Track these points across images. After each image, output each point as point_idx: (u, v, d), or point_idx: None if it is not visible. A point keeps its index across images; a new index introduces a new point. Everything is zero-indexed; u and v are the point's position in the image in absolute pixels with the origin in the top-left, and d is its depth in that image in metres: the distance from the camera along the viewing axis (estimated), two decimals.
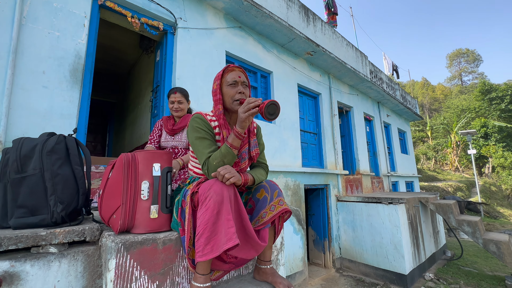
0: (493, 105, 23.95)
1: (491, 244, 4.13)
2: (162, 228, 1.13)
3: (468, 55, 47.44)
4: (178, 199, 1.16)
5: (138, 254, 0.99)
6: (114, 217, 1.08)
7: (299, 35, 4.37)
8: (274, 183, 1.24)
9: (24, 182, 1.13)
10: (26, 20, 2.14)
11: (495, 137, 20.65)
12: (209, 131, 1.18)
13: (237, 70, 1.21)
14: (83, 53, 2.41)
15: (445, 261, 5.49)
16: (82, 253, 1.09)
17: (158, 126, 2.05)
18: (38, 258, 0.99)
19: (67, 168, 1.24)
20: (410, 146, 9.82)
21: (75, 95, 2.31)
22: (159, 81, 3.22)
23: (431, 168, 21.63)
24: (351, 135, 6.32)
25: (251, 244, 1.07)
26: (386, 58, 8.73)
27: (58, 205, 1.15)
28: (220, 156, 1.09)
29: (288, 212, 1.18)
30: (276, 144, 4.11)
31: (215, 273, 1.15)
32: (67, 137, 1.31)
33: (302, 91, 5.12)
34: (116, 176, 1.12)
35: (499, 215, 13.98)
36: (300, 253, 4.13)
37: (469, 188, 16.98)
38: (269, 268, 1.22)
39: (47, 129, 2.08)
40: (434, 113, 38.85)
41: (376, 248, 4.39)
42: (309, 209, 5.23)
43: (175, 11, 3.18)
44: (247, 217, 1.07)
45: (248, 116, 1.05)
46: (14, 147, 1.17)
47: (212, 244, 0.95)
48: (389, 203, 4.33)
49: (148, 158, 1.15)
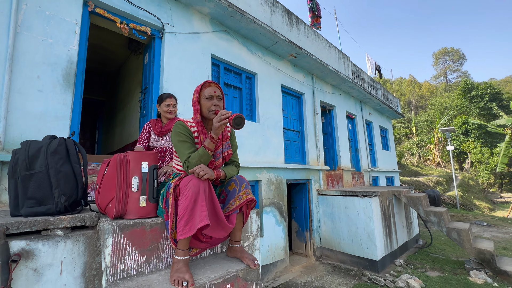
0: (474, 103, 25.08)
1: (453, 232, 4.58)
2: (149, 215, 1.39)
3: (453, 54, 49.03)
4: (163, 191, 1.42)
5: (130, 234, 1.24)
6: (110, 206, 1.33)
7: (282, 39, 4.62)
8: (243, 178, 1.51)
9: (33, 178, 1.36)
10: (20, 28, 2.30)
11: (475, 133, 21.73)
12: (189, 135, 1.43)
13: (213, 85, 1.47)
14: (75, 58, 2.58)
15: (417, 249, 5.98)
16: (83, 235, 1.34)
17: (146, 128, 2.27)
18: (48, 239, 1.23)
19: (68, 166, 1.47)
20: (392, 143, 10.33)
21: (68, 98, 2.50)
22: (148, 83, 3.41)
23: (414, 164, 22.57)
24: (333, 133, 6.67)
25: (222, 226, 1.34)
26: (369, 58, 9.12)
27: (61, 197, 1.38)
28: (197, 156, 1.35)
29: (253, 201, 1.46)
30: (260, 142, 4.39)
31: (194, 250, 1.42)
32: (67, 140, 1.53)
33: (286, 91, 5.40)
34: (111, 173, 1.36)
35: (474, 207, 14.89)
36: (282, 243, 4.46)
37: (448, 183, 17.91)
38: (238, 247, 1.50)
39: (43, 130, 2.27)
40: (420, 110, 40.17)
41: (352, 237, 4.77)
42: (292, 203, 5.57)
43: (162, 17, 3.37)
44: (218, 204, 1.34)
45: (220, 125, 1.32)
46: (22, 148, 1.39)
47: (190, 225, 1.21)
48: (364, 196, 4.71)
49: (137, 157, 1.40)
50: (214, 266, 1.38)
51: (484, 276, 4.01)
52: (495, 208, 16.14)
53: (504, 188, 21.53)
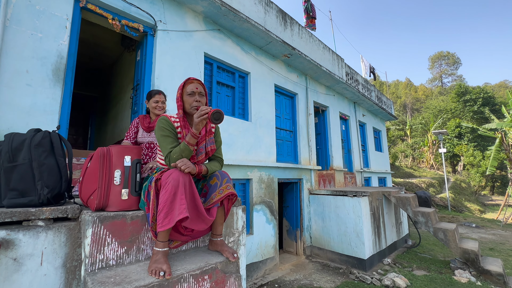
0: (467, 106, 25.47)
1: (439, 232, 4.68)
2: (131, 208, 1.42)
3: (449, 58, 49.64)
4: (145, 184, 1.45)
5: (110, 225, 1.27)
6: (92, 198, 1.36)
7: (276, 39, 4.66)
8: (225, 173, 1.55)
9: (16, 169, 1.38)
10: (10, 22, 2.30)
11: (468, 137, 22.07)
12: (172, 130, 1.47)
13: (196, 82, 1.50)
14: (65, 53, 2.59)
15: (406, 249, 6.08)
16: (65, 227, 1.36)
17: (134, 124, 2.29)
18: (29, 229, 1.25)
19: (52, 159, 1.49)
20: (385, 144, 10.45)
21: (58, 92, 2.51)
22: (139, 80, 3.43)
23: (408, 166, 22.81)
24: (326, 133, 6.74)
25: (202, 219, 1.37)
26: (364, 60, 9.22)
27: (44, 189, 1.40)
28: (179, 151, 1.38)
29: (234, 195, 1.49)
30: (252, 140, 4.43)
31: (174, 243, 1.45)
32: (52, 133, 1.55)
33: (279, 91, 5.45)
34: (93, 166, 1.39)
35: (465, 209, 15.13)
36: (272, 241, 4.50)
37: (440, 185, 18.16)
38: (219, 240, 1.54)
39: (31, 124, 2.28)
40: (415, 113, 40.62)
41: (341, 236, 4.84)
42: (284, 202, 5.62)
43: (155, 14, 3.38)
44: (199, 198, 1.37)
45: (200, 120, 1.35)
46: (6, 141, 1.41)
47: (169, 217, 1.24)
48: (354, 196, 4.78)
49: (120, 151, 1.42)
50: (194, 258, 1.41)
51: (468, 275, 4.10)
52: (485, 210, 16.41)
53: (495, 191, 21.93)
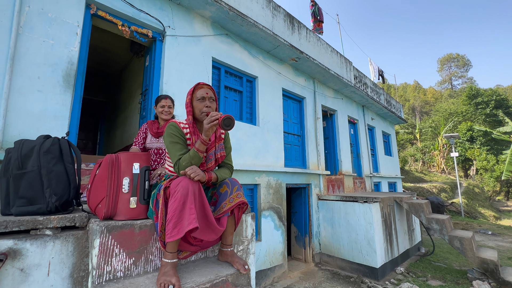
0: (479, 109, 24.81)
1: (455, 240, 4.49)
2: (139, 216, 1.38)
3: (458, 60, 48.68)
4: (154, 192, 1.41)
5: (118, 235, 1.23)
6: (100, 207, 1.32)
7: (284, 43, 4.63)
8: (235, 180, 1.49)
9: (24, 177, 1.36)
10: (22, 30, 2.34)
11: (480, 140, 21.43)
12: (181, 136, 1.43)
13: (206, 87, 1.46)
14: (75, 59, 2.61)
15: (419, 257, 5.86)
16: (72, 236, 1.33)
17: (143, 129, 2.27)
18: (36, 238, 1.23)
19: (61, 166, 1.47)
20: (394, 148, 10.23)
21: (68, 98, 2.52)
22: (148, 85, 3.44)
23: (418, 170, 22.29)
24: (334, 138, 6.63)
25: (211, 229, 1.32)
26: (372, 63, 9.09)
27: (52, 197, 1.38)
28: (188, 158, 1.34)
29: (245, 204, 1.44)
30: (260, 145, 4.37)
31: (183, 253, 1.40)
32: (61, 139, 1.53)
33: (286, 95, 5.39)
34: (102, 173, 1.36)
35: (479, 215, 14.61)
36: (280, 247, 4.41)
37: (452, 190, 17.63)
38: (229, 251, 1.48)
39: (41, 130, 2.29)
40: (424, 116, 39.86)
41: (352, 243, 4.70)
42: (292, 207, 5.52)
43: (164, 20, 3.40)
44: (208, 207, 1.32)
45: (211, 127, 1.31)
46: (15, 147, 1.40)
47: (178, 227, 1.20)
48: (364, 202, 4.65)
49: (129, 158, 1.39)
50: (204, 270, 1.35)
51: (488, 286, 3.90)
52: (501, 216, 15.80)
53: (510, 197, 21.14)
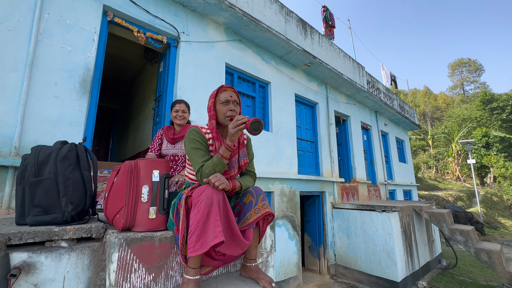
0: (494, 115, 24.00)
1: (482, 254, 4.20)
2: (159, 228, 1.28)
3: (470, 65, 47.65)
4: (174, 201, 1.32)
5: (138, 249, 1.14)
6: (118, 217, 1.24)
7: (297, 48, 4.57)
8: (260, 189, 1.39)
9: (40, 184, 1.30)
10: (41, 36, 2.35)
11: (497, 147, 20.64)
12: (203, 142, 1.34)
13: (229, 90, 1.38)
14: (92, 65, 2.61)
15: (440, 270, 5.54)
16: (88, 248, 1.24)
17: (158, 135, 2.21)
18: (51, 251, 1.15)
19: (77, 173, 1.40)
20: (409, 155, 9.92)
21: (84, 104, 2.50)
22: (162, 91, 3.41)
23: (432, 177, 21.58)
24: (348, 144, 6.46)
25: (237, 242, 1.21)
26: (384, 68, 8.93)
27: (69, 206, 1.31)
28: (212, 165, 1.25)
29: (271, 215, 1.33)
30: (273, 151, 4.27)
31: (205, 268, 1.29)
32: (78, 145, 1.47)
33: (299, 100, 5.30)
34: (120, 181, 1.28)
35: (500, 225, 13.90)
36: (294, 258, 4.23)
37: (469, 198, 16.92)
38: (254, 266, 1.36)
39: (57, 136, 2.26)
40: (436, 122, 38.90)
41: (370, 255, 4.47)
42: (305, 216, 5.34)
43: (178, 26, 3.40)
44: (233, 218, 1.22)
45: (236, 131, 1.22)
46: (32, 153, 1.34)
47: (202, 241, 1.09)
48: (383, 211, 4.44)
49: (148, 165, 1.31)
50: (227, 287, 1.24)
51: None
52: None
53: None
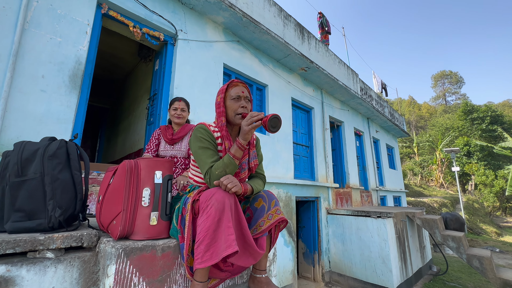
0: (475, 124, 25.16)
1: (474, 260, 4.25)
2: (160, 235, 1.15)
3: (451, 77, 49.98)
4: (178, 206, 1.19)
5: (138, 260, 1.00)
6: (114, 223, 1.09)
7: (294, 51, 4.55)
8: (271, 193, 1.29)
9: (24, 185, 1.13)
10: (29, 25, 2.16)
11: (477, 155, 21.55)
12: (212, 141, 1.23)
13: (241, 85, 1.28)
14: (83, 59, 2.44)
15: (431, 276, 5.58)
16: (78, 259, 1.09)
17: (155, 135, 2.06)
18: (35, 263, 0.99)
19: (67, 173, 1.24)
20: (398, 161, 10.11)
21: (73, 100, 2.32)
22: (157, 90, 3.26)
23: (417, 184, 22.18)
24: (341, 149, 6.48)
25: (250, 252, 1.10)
26: (376, 76, 9.13)
27: (56, 210, 1.15)
28: (222, 166, 1.14)
29: (284, 221, 1.22)
30: (270, 155, 4.18)
31: (212, 281, 1.16)
32: (68, 142, 1.32)
33: (295, 104, 5.27)
34: (118, 183, 1.14)
35: (482, 231, 14.38)
36: (290, 265, 4.11)
37: (453, 205, 17.46)
38: (264, 278, 1.25)
39: (42, 133, 2.07)
40: (420, 130, 40.30)
41: (365, 262, 4.43)
42: (299, 221, 5.25)
43: (176, 23, 3.28)
44: (246, 225, 1.10)
45: (251, 129, 1.12)
46: (15, 150, 1.18)
47: (211, 251, 0.97)
48: (378, 217, 4.42)
49: (150, 165, 1.18)
50: None
51: None
52: (502, 233, 15.59)
53: (508, 212, 20.99)
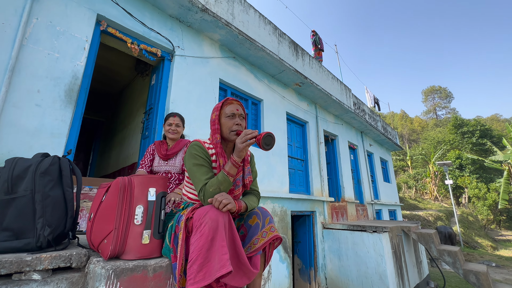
0: (465, 138, 25.74)
1: (471, 275, 4.22)
2: (152, 254, 1.12)
3: (441, 92, 51.64)
4: (171, 224, 1.17)
5: (128, 281, 0.97)
6: (105, 242, 1.07)
7: (289, 68, 4.68)
8: (266, 210, 1.28)
9: (13, 203, 1.11)
10: (27, 41, 2.20)
11: (469, 168, 21.89)
12: (206, 158, 1.23)
13: (235, 103, 1.31)
14: (80, 74, 2.46)
15: None
16: (66, 280, 1.05)
17: (150, 150, 2.06)
18: (20, 285, 0.95)
19: (59, 190, 1.23)
20: (392, 175, 10.19)
21: (68, 114, 2.32)
22: (153, 104, 3.29)
23: (412, 197, 22.25)
24: (336, 163, 6.52)
25: (244, 271, 1.08)
26: (368, 91, 9.38)
27: (46, 228, 1.12)
28: (217, 183, 1.14)
29: (279, 239, 1.21)
30: (264, 169, 4.18)
31: None
32: (61, 159, 1.31)
33: (290, 119, 5.34)
34: (111, 200, 1.13)
35: (477, 245, 14.34)
36: (286, 283, 4.01)
37: (448, 218, 17.49)
38: None
39: (35, 148, 2.05)
40: (413, 144, 40.96)
41: (362, 278, 4.35)
42: (295, 236, 5.18)
43: (174, 40, 3.36)
44: (240, 244, 1.09)
45: (245, 146, 1.13)
46: (6, 167, 1.16)
47: (204, 271, 0.96)
48: (374, 232, 4.40)
49: (144, 182, 1.17)
50: None
51: None
52: (497, 246, 15.58)
53: (502, 225, 21.08)
